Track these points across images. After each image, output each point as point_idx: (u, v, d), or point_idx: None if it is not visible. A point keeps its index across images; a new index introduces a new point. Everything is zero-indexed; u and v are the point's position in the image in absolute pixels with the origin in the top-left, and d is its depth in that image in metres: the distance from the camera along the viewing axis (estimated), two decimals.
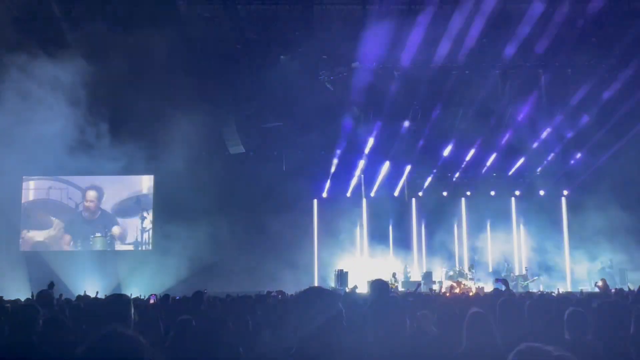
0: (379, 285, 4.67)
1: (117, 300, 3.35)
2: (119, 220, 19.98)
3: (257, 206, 18.26)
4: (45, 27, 15.34)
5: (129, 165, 19.14)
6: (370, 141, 19.28)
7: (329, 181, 20.14)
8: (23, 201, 19.67)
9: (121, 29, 15.60)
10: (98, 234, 19.67)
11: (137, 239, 19.82)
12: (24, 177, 19.50)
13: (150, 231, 19.70)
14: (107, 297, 3.57)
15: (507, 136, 18.91)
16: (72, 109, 15.39)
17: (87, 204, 19.89)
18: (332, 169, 19.87)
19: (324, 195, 20.27)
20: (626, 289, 11.01)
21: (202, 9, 16.11)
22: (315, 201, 20.18)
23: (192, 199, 18.23)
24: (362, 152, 19.70)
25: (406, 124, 18.71)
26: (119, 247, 19.72)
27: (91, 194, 19.89)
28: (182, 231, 17.98)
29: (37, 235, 19.59)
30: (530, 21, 14.94)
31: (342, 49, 16.68)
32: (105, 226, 19.84)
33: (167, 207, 18.96)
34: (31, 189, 19.82)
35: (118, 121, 16.93)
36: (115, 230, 19.87)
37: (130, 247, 19.67)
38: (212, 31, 16.58)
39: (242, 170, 18.78)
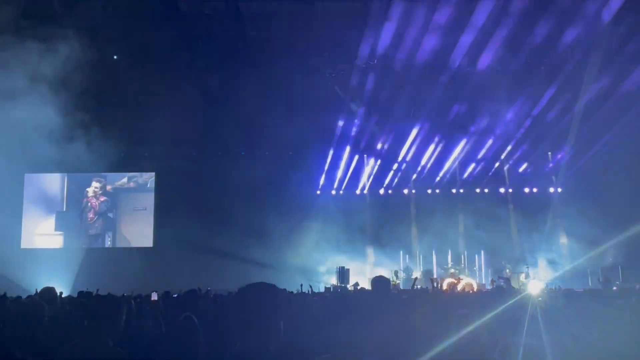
0: (380, 282, 4.71)
1: (106, 303, 3.33)
2: (120, 218, 20.00)
3: (258, 203, 18.25)
4: (46, 23, 15.31)
5: (130, 163, 19.19)
6: (371, 138, 19.34)
7: (328, 177, 20.18)
8: (25, 198, 19.69)
9: (122, 27, 15.59)
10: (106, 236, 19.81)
11: (137, 237, 19.84)
12: (25, 174, 19.51)
13: (151, 228, 19.70)
14: (97, 298, 3.56)
15: (505, 132, 18.98)
16: (74, 106, 15.40)
17: (90, 217, 19.95)
18: (334, 165, 19.90)
19: (325, 191, 20.29)
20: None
21: (203, 6, 16.09)
22: (316, 198, 20.16)
23: (192, 197, 18.25)
24: (362, 148, 19.73)
25: (407, 120, 18.77)
26: (119, 245, 19.76)
27: (95, 201, 19.95)
28: (182, 228, 17.99)
29: (37, 235, 19.60)
30: (531, 18, 14.94)
31: (344, 45, 16.69)
32: (106, 229, 19.89)
33: (167, 205, 18.97)
34: (32, 186, 19.84)
35: (119, 119, 16.94)
36: (117, 229, 19.91)
37: (131, 245, 19.69)
38: (212, 28, 16.58)
39: (243, 168, 18.77)
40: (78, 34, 14.64)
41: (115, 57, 16.42)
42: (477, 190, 20.33)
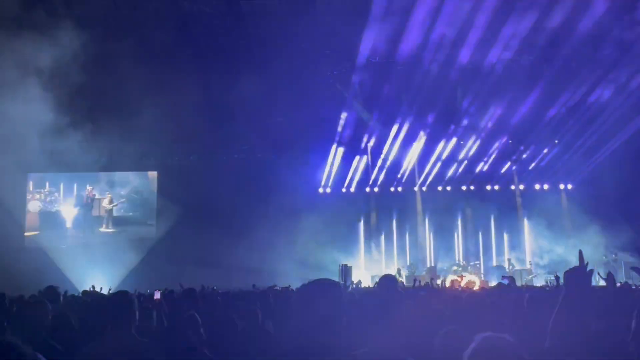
0: (387, 281, 4.64)
1: (121, 298, 3.38)
2: (122, 216, 20.02)
3: (261, 201, 18.25)
4: (46, 21, 15.29)
5: (133, 162, 19.18)
6: (371, 136, 19.37)
7: (332, 175, 20.18)
8: (28, 197, 19.73)
9: (123, 24, 15.57)
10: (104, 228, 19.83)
11: (141, 235, 19.86)
12: (29, 173, 19.55)
13: (155, 227, 19.73)
14: (111, 295, 3.60)
15: (510, 130, 18.94)
16: (76, 105, 15.40)
17: (91, 215, 20.00)
18: (337, 163, 19.91)
19: (329, 190, 20.29)
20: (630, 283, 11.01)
21: (205, 4, 16.05)
22: (319, 196, 20.15)
23: (196, 195, 18.25)
24: (365, 145, 19.72)
25: (408, 118, 18.75)
26: (121, 243, 19.75)
27: (104, 201, 20.00)
28: (186, 227, 18.01)
29: (41, 233, 19.65)
30: (534, 14, 14.87)
31: (345, 43, 16.64)
32: (109, 223, 19.93)
33: (170, 203, 18.99)
34: (35, 185, 19.90)
35: (121, 118, 16.92)
36: (118, 227, 19.95)
37: (133, 243, 19.68)
38: (214, 26, 16.54)
39: (245, 166, 18.78)
40: (79, 32, 14.63)
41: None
42: (487, 187, 20.30)
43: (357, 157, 19.94)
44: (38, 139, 15.43)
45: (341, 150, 19.70)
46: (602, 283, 12.19)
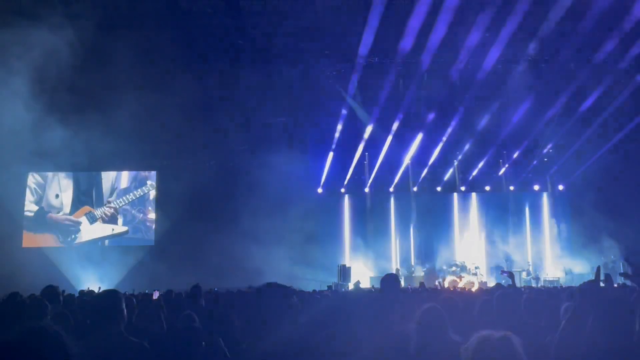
0: (390, 281, 4.62)
1: (109, 296, 3.38)
2: (122, 216, 20.01)
3: (262, 202, 18.25)
4: (46, 21, 15.28)
5: (132, 162, 19.16)
6: (373, 137, 19.39)
7: (330, 176, 20.18)
8: (27, 197, 19.71)
9: (123, 24, 15.57)
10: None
11: (140, 236, 19.85)
12: (28, 173, 19.52)
13: (153, 227, 19.71)
14: (99, 293, 3.59)
15: (510, 131, 18.99)
16: (75, 105, 15.39)
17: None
18: (335, 163, 19.91)
19: (326, 189, 20.28)
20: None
21: (204, 5, 16.05)
22: (318, 197, 20.15)
23: (195, 195, 18.25)
24: (363, 145, 19.74)
25: (409, 119, 18.77)
26: (121, 243, 19.75)
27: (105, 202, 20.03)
28: (185, 227, 17.99)
29: (38, 235, 19.62)
30: (537, 16, 14.89)
31: (346, 43, 16.66)
32: (108, 227, 19.95)
33: (169, 203, 18.98)
34: (34, 186, 19.87)
35: (121, 118, 16.94)
36: (119, 226, 19.93)
37: (132, 243, 19.68)
38: (213, 27, 16.56)
39: (245, 166, 18.77)
40: (77, 33, 14.63)
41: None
42: (487, 188, 20.36)
43: (356, 158, 19.93)
44: (38, 139, 15.42)
45: (339, 150, 19.69)
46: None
